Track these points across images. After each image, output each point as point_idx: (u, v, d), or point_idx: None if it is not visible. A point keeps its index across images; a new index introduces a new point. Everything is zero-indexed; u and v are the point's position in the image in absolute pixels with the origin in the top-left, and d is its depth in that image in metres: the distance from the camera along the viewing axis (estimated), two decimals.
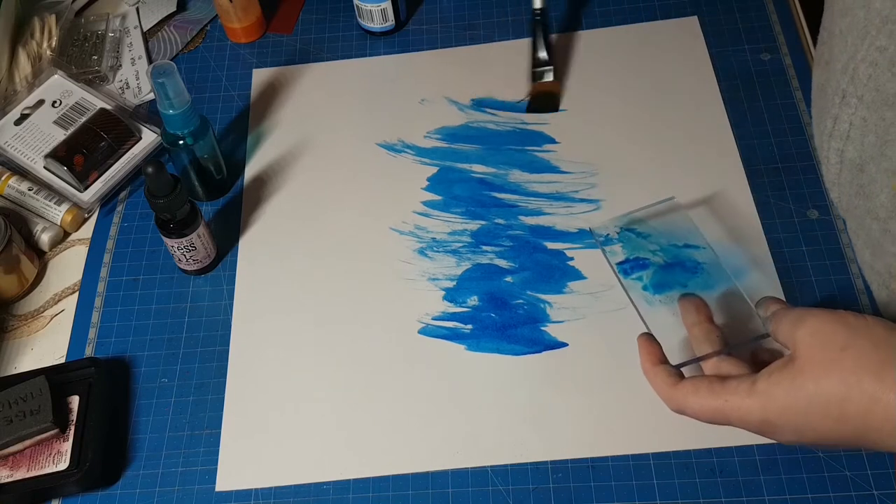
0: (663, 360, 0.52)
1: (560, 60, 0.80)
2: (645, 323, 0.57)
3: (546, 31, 0.77)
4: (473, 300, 0.67)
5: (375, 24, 0.82)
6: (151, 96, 0.81)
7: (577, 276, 0.67)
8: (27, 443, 0.60)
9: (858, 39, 0.47)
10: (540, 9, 0.77)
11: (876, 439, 0.42)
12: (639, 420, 0.60)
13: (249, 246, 0.72)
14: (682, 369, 0.52)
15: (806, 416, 0.44)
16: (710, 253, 0.61)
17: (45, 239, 0.72)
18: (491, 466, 0.59)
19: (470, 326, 0.65)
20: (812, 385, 0.43)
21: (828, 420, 0.43)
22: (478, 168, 0.74)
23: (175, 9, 0.87)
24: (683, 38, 0.80)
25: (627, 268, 0.60)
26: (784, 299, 0.61)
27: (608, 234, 0.62)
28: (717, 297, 0.58)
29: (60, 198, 0.73)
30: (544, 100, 0.76)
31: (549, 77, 0.76)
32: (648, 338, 0.54)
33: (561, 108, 0.77)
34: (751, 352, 0.53)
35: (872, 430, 0.42)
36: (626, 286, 0.59)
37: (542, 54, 0.76)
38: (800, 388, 0.44)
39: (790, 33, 0.79)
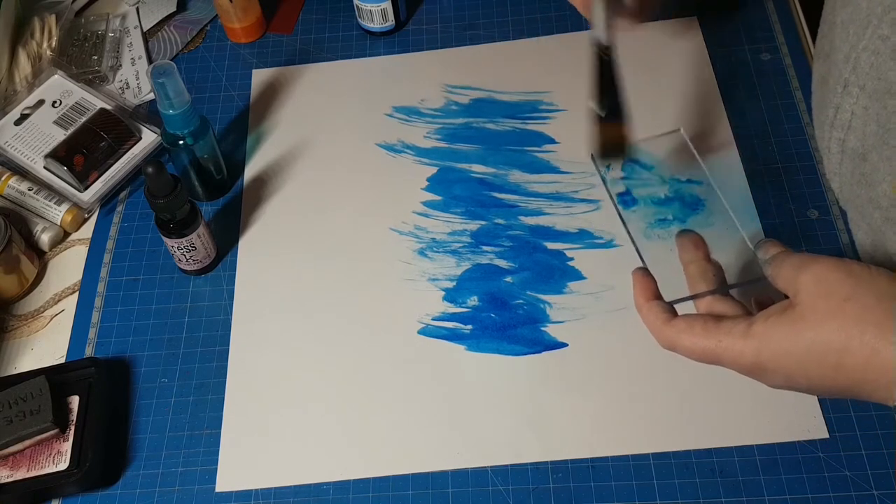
0: (657, 296, 0.50)
1: (561, 61, 0.79)
2: (641, 257, 0.54)
3: (612, 70, 0.60)
4: (473, 300, 0.67)
5: (375, 24, 0.82)
6: (151, 96, 0.81)
7: (576, 276, 0.67)
8: (27, 443, 0.60)
9: (860, 29, 0.47)
10: (605, 46, 0.60)
11: (870, 391, 0.42)
12: (639, 420, 0.60)
13: (249, 246, 0.72)
14: (677, 307, 0.50)
15: (801, 364, 0.43)
16: (713, 190, 0.58)
17: (45, 239, 0.72)
18: (491, 467, 0.59)
19: (470, 327, 0.65)
20: (812, 333, 0.42)
21: (823, 368, 0.43)
22: (478, 168, 0.74)
23: (175, 9, 0.87)
24: (684, 38, 0.80)
25: (628, 199, 0.58)
26: None
27: (610, 164, 0.60)
28: (717, 235, 0.55)
29: (60, 198, 0.73)
30: (614, 147, 0.61)
31: (622, 120, 0.61)
32: (643, 272, 0.52)
33: (562, 108, 0.76)
34: (747, 294, 0.52)
35: (868, 381, 0.41)
36: (624, 218, 0.57)
37: (615, 97, 0.61)
38: (798, 335, 0.43)
39: (790, 33, 0.79)
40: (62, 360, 0.67)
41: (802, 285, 0.44)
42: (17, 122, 0.77)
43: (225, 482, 0.60)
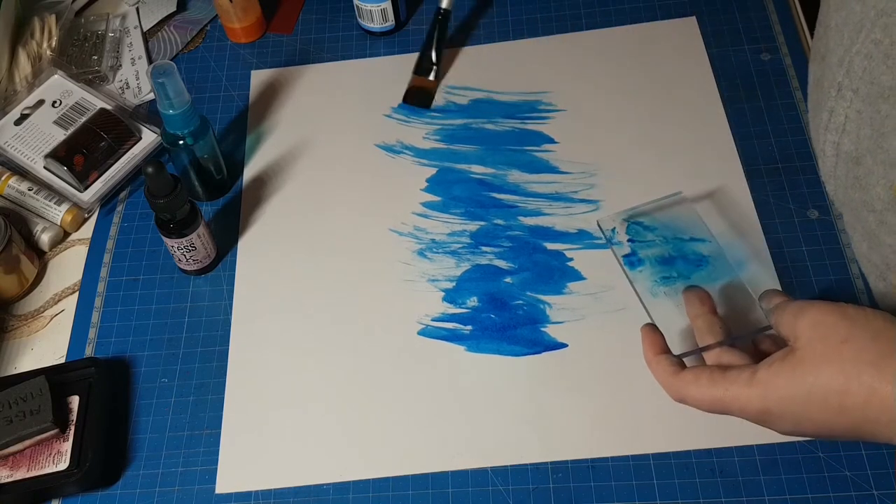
0: (665, 350, 0.52)
1: (560, 61, 0.80)
2: (649, 314, 0.57)
3: (444, 32, 0.79)
4: (473, 301, 0.67)
5: (375, 24, 0.82)
6: (151, 96, 0.81)
7: (576, 276, 0.67)
8: (27, 443, 0.60)
9: (854, 33, 0.47)
10: (444, 10, 0.79)
11: (873, 430, 0.43)
12: (639, 420, 0.60)
13: (249, 246, 0.72)
14: (685, 360, 0.52)
15: (805, 407, 0.44)
16: (715, 246, 0.61)
17: (45, 239, 0.72)
18: (491, 467, 0.59)
19: (470, 327, 0.65)
20: (812, 377, 0.43)
21: (826, 411, 0.43)
22: (477, 168, 0.74)
23: (175, 9, 0.87)
24: (682, 38, 0.80)
25: (633, 260, 0.61)
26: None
27: (614, 227, 0.63)
28: (721, 289, 0.59)
29: (60, 198, 0.73)
30: (420, 95, 0.79)
31: (432, 76, 0.79)
32: (651, 328, 0.54)
33: (561, 108, 0.77)
34: (753, 343, 0.53)
35: (870, 421, 0.42)
36: (631, 278, 0.60)
37: (432, 53, 0.79)
38: (800, 379, 0.44)
39: (790, 33, 0.79)
40: (62, 360, 0.67)
41: (801, 330, 0.45)
42: (17, 122, 0.77)
43: (225, 484, 0.60)
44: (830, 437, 0.45)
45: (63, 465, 0.60)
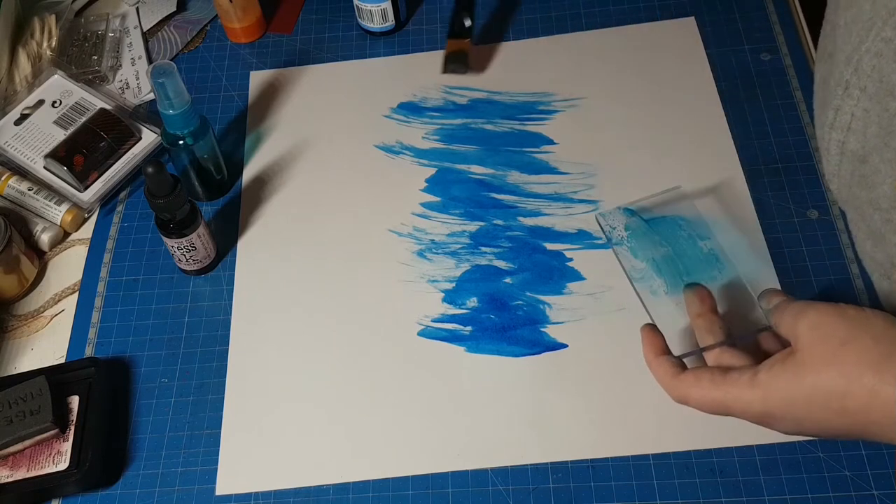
0: (666, 351, 0.52)
1: (560, 62, 0.80)
2: (648, 313, 0.57)
3: None
4: (473, 302, 0.67)
5: (375, 24, 0.82)
6: (151, 96, 0.81)
7: (576, 276, 0.67)
8: (27, 443, 0.60)
9: (864, 31, 0.47)
10: None
11: (876, 432, 0.43)
12: (639, 420, 0.60)
13: (249, 246, 0.72)
14: (686, 360, 0.52)
15: (807, 409, 0.44)
16: (715, 243, 0.61)
17: (45, 239, 0.72)
18: (491, 467, 0.59)
19: (469, 328, 0.65)
20: (813, 378, 0.43)
21: (828, 413, 0.43)
22: (476, 169, 0.74)
23: (175, 9, 0.87)
24: (681, 38, 0.80)
25: (633, 257, 0.60)
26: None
27: (613, 223, 0.62)
28: (721, 287, 0.58)
29: (60, 198, 0.73)
30: (454, 59, 0.78)
31: (465, 36, 0.78)
32: (651, 328, 0.54)
33: (560, 108, 0.76)
34: (754, 343, 0.53)
35: (872, 423, 0.42)
36: (630, 276, 0.59)
37: (466, 21, 0.78)
38: (801, 382, 0.44)
39: (790, 33, 0.79)
40: (62, 360, 0.67)
41: (801, 331, 0.45)
42: (17, 122, 0.77)
43: (225, 485, 0.60)
44: (833, 436, 0.45)
45: (63, 465, 0.60)
